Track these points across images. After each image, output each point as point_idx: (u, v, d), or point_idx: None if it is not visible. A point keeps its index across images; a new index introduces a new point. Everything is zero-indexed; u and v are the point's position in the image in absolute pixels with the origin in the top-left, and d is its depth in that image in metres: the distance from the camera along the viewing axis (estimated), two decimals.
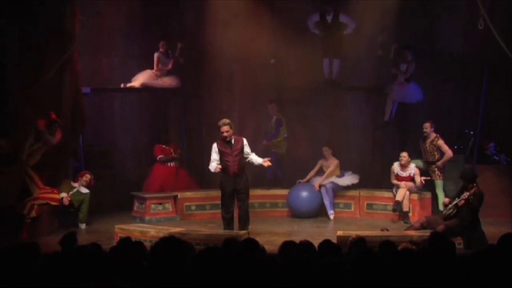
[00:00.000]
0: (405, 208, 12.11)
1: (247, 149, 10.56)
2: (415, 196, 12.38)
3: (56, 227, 11.39)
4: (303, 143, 14.26)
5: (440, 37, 13.92)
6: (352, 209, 13.05)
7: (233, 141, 10.45)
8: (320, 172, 13.08)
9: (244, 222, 10.56)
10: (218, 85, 14.54)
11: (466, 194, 9.66)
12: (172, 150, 13.52)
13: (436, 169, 12.21)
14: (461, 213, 9.69)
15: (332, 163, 12.98)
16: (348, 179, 13.00)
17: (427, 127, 12.27)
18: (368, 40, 13.79)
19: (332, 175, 12.96)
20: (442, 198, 11.74)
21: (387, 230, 10.61)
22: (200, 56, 14.46)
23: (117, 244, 6.81)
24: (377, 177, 13.94)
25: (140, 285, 4.59)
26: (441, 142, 12.19)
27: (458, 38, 13.69)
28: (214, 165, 10.43)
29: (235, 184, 10.47)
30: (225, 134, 10.33)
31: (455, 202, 9.76)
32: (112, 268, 5.07)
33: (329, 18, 13.78)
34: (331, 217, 12.63)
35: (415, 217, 11.82)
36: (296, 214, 12.70)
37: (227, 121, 10.48)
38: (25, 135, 11.24)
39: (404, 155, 12.39)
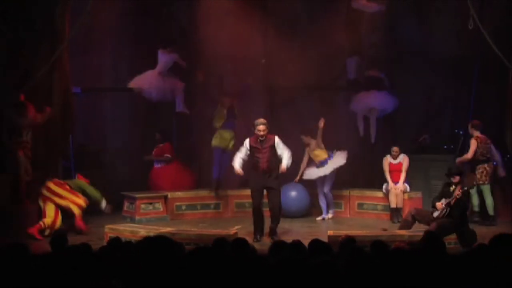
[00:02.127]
0: (398, 205, 12.20)
1: (279, 147, 10.69)
2: (405, 195, 12.41)
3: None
4: (294, 142, 14.23)
5: (431, 37, 13.96)
6: (343, 208, 13.06)
7: (265, 138, 10.60)
8: (312, 162, 12.80)
9: (275, 220, 10.65)
10: (209, 84, 14.50)
11: (458, 193, 9.69)
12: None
13: (479, 171, 11.96)
14: (453, 211, 9.72)
15: (314, 143, 12.65)
16: (336, 162, 12.62)
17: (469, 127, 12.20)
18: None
19: (318, 158, 12.64)
20: (490, 202, 11.83)
21: (385, 230, 10.66)
22: (191, 56, 14.44)
23: (107, 244, 6.79)
24: (368, 177, 13.97)
25: (130, 285, 4.57)
26: (472, 142, 12.04)
27: (448, 38, 13.72)
28: (239, 161, 10.67)
29: (265, 181, 10.57)
30: (261, 133, 10.54)
31: (447, 201, 9.77)
32: (102, 268, 5.06)
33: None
34: (326, 217, 12.64)
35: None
36: (286, 214, 12.60)
37: (264, 121, 10.69)
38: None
39: (396, 149, 12.55)
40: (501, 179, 12.15)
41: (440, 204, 9.92)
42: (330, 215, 12.66)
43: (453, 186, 10.00)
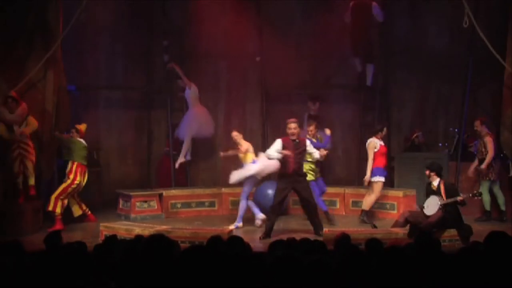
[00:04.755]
0: (366, 207, 11.90)
1: (310, 149, 10.79)
2: (400, 193, 12.42)
3: (41, 225, 11.32)
4: None
5: (425, 35, 13.97)
6: (338, 206, 13.05)
7: (297, 140, 10.64)
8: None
9: (317, 226, 10.68)
10: (204, 83, 14.50)
11: (461, 197, 9.76)
12: None
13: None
14: (447, 208, 9.77)
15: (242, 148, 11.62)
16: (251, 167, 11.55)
17: (477, 125, 12.11)
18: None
19: (244, 161, 11.63)
20: (501, 197, 11.90)
21: (375, 227, 10.67)
22: (186, 54, 14.44)
23: (102, 242, 6.79)
24: (362, 175, 13.98)
25: (125, 283, 4.57)
26: (489, 140, 11.98)
27: (443, 36, 13.74)
28: (276, 155, 10.64)
29: (295, 182, 10.63)
30: (292, 130, 10.58)
31: (443, 202, 9.81)
32: (97, 266, 5.05)
33: None
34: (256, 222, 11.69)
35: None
36: (265, 212, 12.27)
37: (295, 120, 10.77)
38: None
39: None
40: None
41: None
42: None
43: (433, 183, 10.07)
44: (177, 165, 13.40)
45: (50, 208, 11.30)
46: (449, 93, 13.89)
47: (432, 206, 9.92)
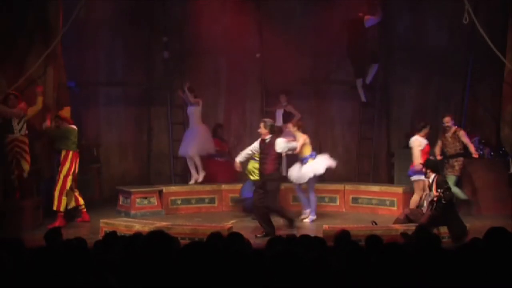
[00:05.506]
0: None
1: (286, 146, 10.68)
2: (399, 190, 12.43)
3: (41, 222, 11.32)
4: None
5: (426, 32, 13.96)
6: (338, 203, 13.05)
7: (267, 141, 10.51)
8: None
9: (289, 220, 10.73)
10: (204, 79, 14.50)
11: (436, 192, 9.75)
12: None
13: (456, 163, 11.99)
14: (438, 205, 9.80)
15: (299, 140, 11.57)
16: (319, 164, 11.67)
17: (448, 121, 12.06)
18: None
19: (301, 155, 11.66)
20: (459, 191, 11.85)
21: (375, 223, 10.69)
22: (186, 50, 14.43)
23: (102, 238, 6.79)
24: (362, 172, 14.01)
25: (124, 279, 4.57)
26: (462, 133, 12.00)
27: (443, 33, 13.72)
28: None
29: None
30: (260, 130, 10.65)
31: (430, 199, 9.87)
32: (97, 263, 5.05)
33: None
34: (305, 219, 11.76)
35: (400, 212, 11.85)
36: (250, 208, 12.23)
37: (263, 119, 10.90)
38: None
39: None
40: None
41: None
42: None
43: (430, 179, 10.12)
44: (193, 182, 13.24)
45: (55, 208, 11.29)
46: (449, 89, 13.88)
47: (426, 202, 10.02)
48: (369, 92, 14.00)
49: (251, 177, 11.62)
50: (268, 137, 10.51)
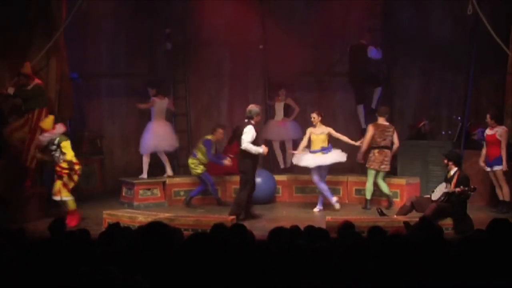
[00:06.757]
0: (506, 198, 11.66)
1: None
2: (403, 181, 12.43)
3: (44, 213, 11.33)
4: None
5: (429, 23, 13.91)
6: (341, 194, 13.04)
7: None
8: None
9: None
10: (206, 70, 14.49)
11: (459, 188, 9.72)
12: None
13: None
14: (453, 198, 9.78)
15: (323, 131, 11.94)
16: (333, 157, 11.98)
17: (314, 116, 11.92)
18: (357, 26, 13.77)
19: (319, 145, 11.93)
20: (385, 186, 12.13)
21: (381, 210, 10.74)
22: (189, 42, 14.41)
23: (105, 229, 6.80)
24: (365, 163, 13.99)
25: (128, 270, 4.57)
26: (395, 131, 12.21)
27: (446, 24, 13.68)
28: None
29: None
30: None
31: (446, 191, 9.84)
32: (101, 254, 5.06)
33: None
34: (336, 206, 12.00)
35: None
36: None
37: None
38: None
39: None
40: None
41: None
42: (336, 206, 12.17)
43: (450, 171, 10.07)
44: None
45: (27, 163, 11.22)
46: (452, 81, 13.85)
47: (438, 192, 10.00)
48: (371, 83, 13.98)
49: (200, 170, 12.22)
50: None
